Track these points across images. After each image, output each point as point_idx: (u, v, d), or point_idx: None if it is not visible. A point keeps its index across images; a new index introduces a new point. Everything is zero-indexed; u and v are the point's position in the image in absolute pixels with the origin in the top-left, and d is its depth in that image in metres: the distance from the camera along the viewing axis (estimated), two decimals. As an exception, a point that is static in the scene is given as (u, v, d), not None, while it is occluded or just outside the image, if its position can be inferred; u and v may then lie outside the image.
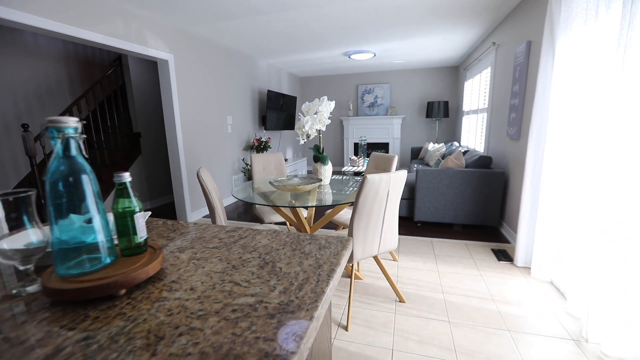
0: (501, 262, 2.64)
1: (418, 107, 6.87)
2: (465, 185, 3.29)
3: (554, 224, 2.21)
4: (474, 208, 3.32)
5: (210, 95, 4.22)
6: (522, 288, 2.24)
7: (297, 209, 2.06)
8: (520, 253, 2.51)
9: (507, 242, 3.06)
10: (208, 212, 4.28)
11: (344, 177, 3.03)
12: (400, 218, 3.84)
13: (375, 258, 2.05)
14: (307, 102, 2.13)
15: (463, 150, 4.31)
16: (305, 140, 2.18)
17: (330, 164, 2.35)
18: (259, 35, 4.02)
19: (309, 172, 7.72)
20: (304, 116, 2.11)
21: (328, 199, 2.16)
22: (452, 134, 6.73)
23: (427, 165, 5.39)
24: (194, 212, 4.02)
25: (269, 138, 5.28)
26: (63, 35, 2.50)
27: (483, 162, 3.30)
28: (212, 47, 4.23)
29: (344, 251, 0.84)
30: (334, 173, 7.19)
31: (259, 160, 2.99)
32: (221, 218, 1.92)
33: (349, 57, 5.22)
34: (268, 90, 5.32)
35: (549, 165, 2.17)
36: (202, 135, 4.11)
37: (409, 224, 3.62)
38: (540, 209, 2.25)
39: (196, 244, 0.90)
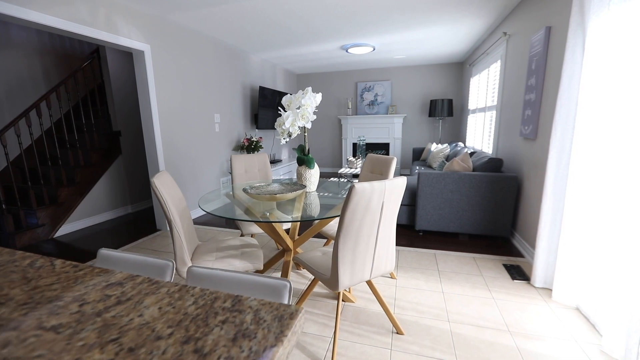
0: (516, 281, 2.28)
1: (420, 106, 6.51)
2: (472, 190, 2.94)
3: (583, 238, 1.85)
4: (483, 216, 2.97)
5: (194, 91, 3.89)
6: (544, 316, 1.88)
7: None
8: (539, 271, 2.16)
9: (520, 255, 2.71)
10: (213, 208, 3.95)
11: (341, 180, 2.69)
12: (400, 226, 3.49)
13: (368, 282, 1.71)
14: (288, 95, 1.79)
15: (469, 152, 3.95)
16: (287, 139, 1.84)
17: (317, 167, 2.01)
18: (248, 25, 3.68)
19: (305, 173, 7.34)
20: (285, 111, 1.77)
21: (314, 210, 1.82)
22: (457, 133, 6.37)
23: (430, 167, 5.04)
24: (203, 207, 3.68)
25: (261, 138, 4.94)
26: (5, 17, 2.16)
27: (493, 165, 2.95)
28: (196, 38, 3.90)
29: (282, 338, 0.48)
30: (330, 175, 6.84)
31: (240, 162, 2.65)
32: (180, 234, 1.58)
33: (347, 51, 4.87)
34: (260, 87, 4.99)
35: (577, 170, 1.81)
36: (185, 134, 3.77)
37: (410, 233, 3.27)
38: (566, 220, 1.90)
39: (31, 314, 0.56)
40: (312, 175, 1.97)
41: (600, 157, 1.73)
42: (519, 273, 2.38)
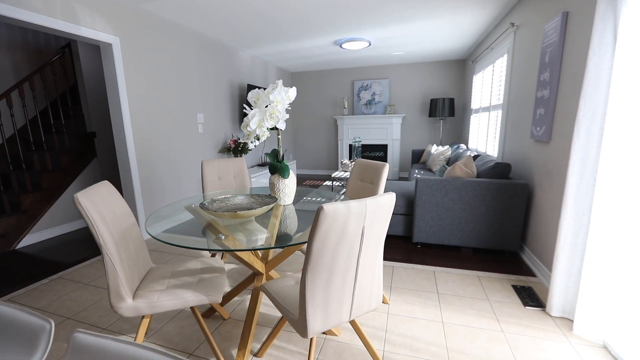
0: (529, 308, 1.96)
1: (420, 105, 6.19)
2: (477, 199, 2.61)
3: (613, 261, 1.53)
4: (488, 229, 2.64)
5: (174, 89, 3.58)
6: (564, 356, 1.56)
7: (249, 245, 1.41)
8: (556, 298, 1.84)
9: (531, 274, 2.38)
10: (171, 225, 3.64)
11: (334, 184, 2.38)
12: (396, 238, 3.16)
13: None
14: (255, 90, 1.47)
15: (472, 155, 3.63)
16: (255, 143, 1.53)
17: (293, 176, 1.69)
18: (233, 17, 3.37)
19: (297, 183, 7.05)
20: (251, 108, 1.45)
21: (290, 227, 1.50)
22: (458, 135, 6.04)
23: (430, 170, 4.72)
24: (152, 227, 3.37)
25: (249, 139, 4.62)
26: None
27: (500, 171, 2.63)
28: (175, 31, 3.59)
29: None
30: (325, 178, 6.52)
31: (211, 168, 2.33)
32: (114, 261, 1.26)
33: (341, 46, 4.56)
34: (248, 85, 4.68)
35: (606, 180, 1.49)
36: (163, 136, 3.46)
37: (406, 246, 2.95)
38: (592, 239, 1.57)
39: None
40: (287, 186, 1.65)
41: (638, 165, 1.41)
42: (532, 297, 2.06)
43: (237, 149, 4.44)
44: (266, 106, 1.44)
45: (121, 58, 2.94)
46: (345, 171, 4.83)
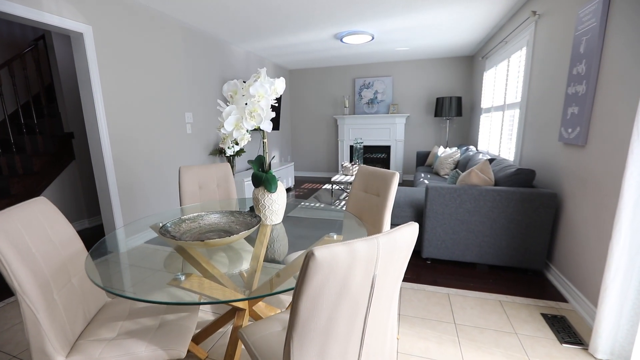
0: (566, 345, 1.63)
1: (425, 104, 5.86)
2: (497, 210, 2.29)
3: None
4: (509, 244, 2.32)
5: (158, 86, 3.25)
6: (624, 420, 1.23)
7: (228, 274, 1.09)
8: (603, 337, 1.51)
9: (562, 298, 2.06)
10: (155, 235, 3.32)
11: (334, 188, 2.06)
12: (403, 250, 2.83)
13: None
14: (232, 81, 1.15)
15: (485, 159, 3.30)
16: (233, 148, 1.20)
17: (282, 189, 1.37)
18: (223, 6, 3.04)
19: (296, 186, 6.73)
20: (226, 105, 1.13)
21: (279, 254, 1.18)
22: (466, 136, 5.71)
23: (437, 174, 4.39)
24: (131, 238, 3.05)
25: (242, 140, 4.30)
26: None
27: (522, 178, 2.30)
28: (159, 22, 3.26)
29: None
30: (325, 181, 6.19)
31: (190, 176, 2.01)
32: (34, 309, 0.94)
33: (341, 40, 4.23)
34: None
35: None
36: (145, 136, 3.14)
37: (415, 261, 2.62)
38: (655, 274, 1.25)
39: None
40: (274, 202, 1.33)
41: None
42: (567, 331, 1.73)
43: (229, 151, 4.11)
44: (246, 103, 1.12)
45: (94, 50, 2.61)
46: (346, 175, 4.51)
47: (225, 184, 2.11)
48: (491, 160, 3.13)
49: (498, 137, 3.76)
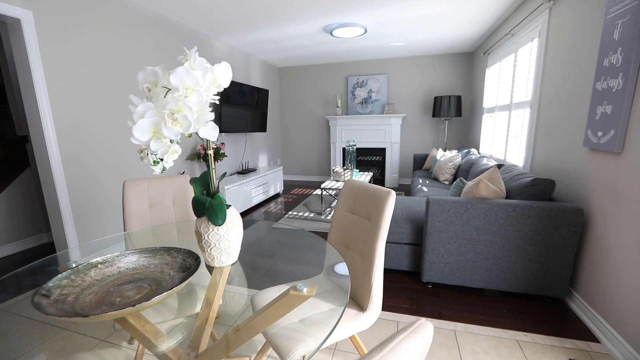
0: (610, 411, 1.27)
1: (422, 104, 5.52)
2: (511, 229, 1.93)
3: None
4: (525, 267, 1.96)
5: (121, 83, 2.86)
6: None
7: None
8: (660, 406, 1.15)
9: (591, 337, 1.70)
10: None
11: (325, 194, 1.69)
12: (400, 273, 2.47)
13: None
14: (151, 68, 0.77)
15: (491, 165, 2.95)
16: (160, 166, 0.82)
17: (236, 221, 0.99)
18: (188, -10, 2.66)
19: (285, 191, 6.35)
20: (140, 102, 0.75)
21: (231, 312, 0.81)
22: (466, 137, 5.37)
23: (436, 179, 4.04)
24: (88, 258, 2.65)
25: (223, 144, 3.91)
26: None
27: (540, 190, 1.95)
28: (123, 10, 2.87)
29: None
30: (316, 186, 5.81)
31: (137, 191, 1.62)
32: None
33: (331, 34, 3.86)
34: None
35: None
36: (105, 141, 2.74)
37: (414, 286, 2.26)
38: None
39: None
40: (222, 239, 0.95)
41: None
42: (608, 387, 1.38)
43: (207, 155, 3.72)
44: (168, 93, 0.74)
45: (36, 38, 2.21)
46: (337, 180, 4.14)
47: (184, 201, 1.72)
48: (500, 167, 2.77)
49: (503, 140, 3.41)
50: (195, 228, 0.98)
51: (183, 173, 3.57)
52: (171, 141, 0.78)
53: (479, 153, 4.13)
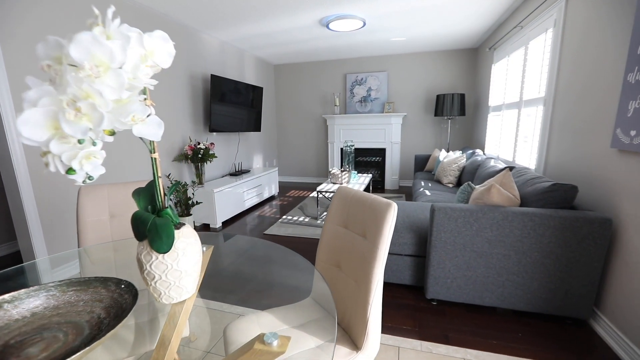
0: None
1: (424, 103, 5.29)
2: (528, 240, 1.70)
3: None
4: (544, 285, 1.73)
5: (97, 77, 2.63)
6: None
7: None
8: None
9: (623, 367, 1.48)
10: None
11: (321, 196, 1.47)
12: (401, 287, 2.24)
13: None
14: (53, 38, 0.55)
15: (501, 167, 2.72)
16: (75, 174, 0.60)
17: (189, 241, 0.76)
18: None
19: (280, 193, 6.12)
20: (41, 86, 0.54)
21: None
22: (469, 137, 5.14)
23: (439, 182, 3.81)
24: (58, 270, 2.42)
25: (212, 144, 3.68)
26: None
27: (560, 196, 1.72)
28: (100, -1, 2.64)
29: None
30: (314, 187, 5.57)
31: (96, 200, 1.39)
32: None
33: (328, 27, 3.63)
34: (212, 75, 3.73)
35: None
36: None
37: (416, 303, 2.03)
38: None
39: None
40: (171, 269, 0.72)
41: None
42: None
43: (195, 156, 3.49)
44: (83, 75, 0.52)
45: (-5, 27, 1.99)
46: (334, 183, 3.91)
47: (128, 210, 1.49)
48: (511, 169, 2.54)
49: (512, 140, 3.18)
50: (137, 254, 0.75)
51: (169, 176, 3.34)
52: (80, 141, 0.54)
53: (484, 154, 3.90)
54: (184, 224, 0.80)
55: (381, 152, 5.51)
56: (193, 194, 3.49)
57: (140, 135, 0.65)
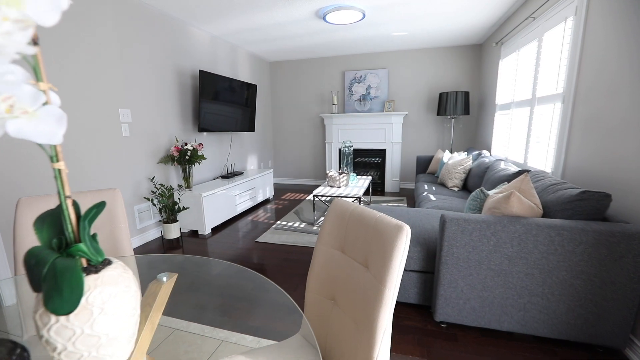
0: None
1: (426, 101, 5.05)
2: (554, 258, 1.47)
3: None
4: (572, 308, 1.50)
5: (71, 73, 2.38)
6: None
7: None
8: None
9: (673, 411, 1.24)
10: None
11: (318, 200, 1.24)
12: (406, 306, 2.00)
13: None
14: None
15: (515, 170, 2.48)
16: None
17: (114, 290, 0.52)
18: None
19: (276, 196, 5.88)
20: None
21: None
22: (473, 137, 4.92)
23: (444, 186, 3.58)
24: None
25: (200, 145, 3.43)
26: None
27: (591, 206, 1.48)
28: (72, -15, 2.39)
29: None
30: (311, 189, 5.33)
31: (35, 212, 1.15)
32: None
33: (325, 19, 3.39)
34: (201, 71, 3.49)
35: None
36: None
37: (423, 325, 1.79)
38: None
39: None
40: (81, 335, 0.49)
41: None
42: None
43: (182, 157, 3.25)
44: None
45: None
46: (332, 186, 3.67)
47: (112, 225, 1.24)
48: (522, 174, 2.31)
49: (523, 141, 2.95)
50: (32, 314, 0.51)
51: (153, 179, 3.10)
52: None
53: (491, 155, 3.67)
54: (109, 263, 0.56)
55: (381, 152, 5.28)
56: (179, 198, 3.25)
57: (22, 136, 0.41)
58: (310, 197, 4.87)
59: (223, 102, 3.94)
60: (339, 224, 0.95)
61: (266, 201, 4.69)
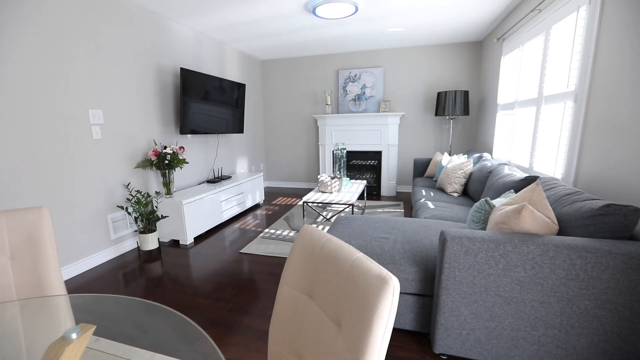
0: None
1: (423, 101, 4.83)
2: (574, 284, 1.24)
3: None
4: (595, 342, 1.27)
5: (32, 71, 2.14)
6: None
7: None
8: None
9: None
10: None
11: (308, 205, 1.03)
12: (401, 333, 1.76)
13: None
14: None
15: (519, 176, 2.26)
16: None
17: None
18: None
19: (266, 201, 5.64)
20: None
21: None
22: (473, 139, 4.70)
23: (443, 191, 3.35)
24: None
25: (182, 148, 3.19)
26: None
27: (617, 222, 1.25)
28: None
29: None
30: (304, 193, 5.09)
31: None
32: None
33: (314, 12, 3.16)
34: (182, 69, 3.25)
35: None
36: (6, 147, 2.02)
37: (422, 357, 1.55)
38: None
39: None
40: None
41: None
42: None
43: (161, 162, 3.00)
44: None
45: None
46: (324, 192, 3.44)
47: (34, 249, 1.00)
48: (530, 181, 2.08)
49: (529, 143, 2.73)
50: None
51: (128, 185, 2.85)
52: None
53: (492, 158, 3.45)
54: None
55: (377, 155, 5.05)
56: (157, 206, 3.01)
57: None
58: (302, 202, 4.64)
59: (208, 102, 3.70)
60: (306, 260, 0.72)
61: (256, 206, 4.46)
